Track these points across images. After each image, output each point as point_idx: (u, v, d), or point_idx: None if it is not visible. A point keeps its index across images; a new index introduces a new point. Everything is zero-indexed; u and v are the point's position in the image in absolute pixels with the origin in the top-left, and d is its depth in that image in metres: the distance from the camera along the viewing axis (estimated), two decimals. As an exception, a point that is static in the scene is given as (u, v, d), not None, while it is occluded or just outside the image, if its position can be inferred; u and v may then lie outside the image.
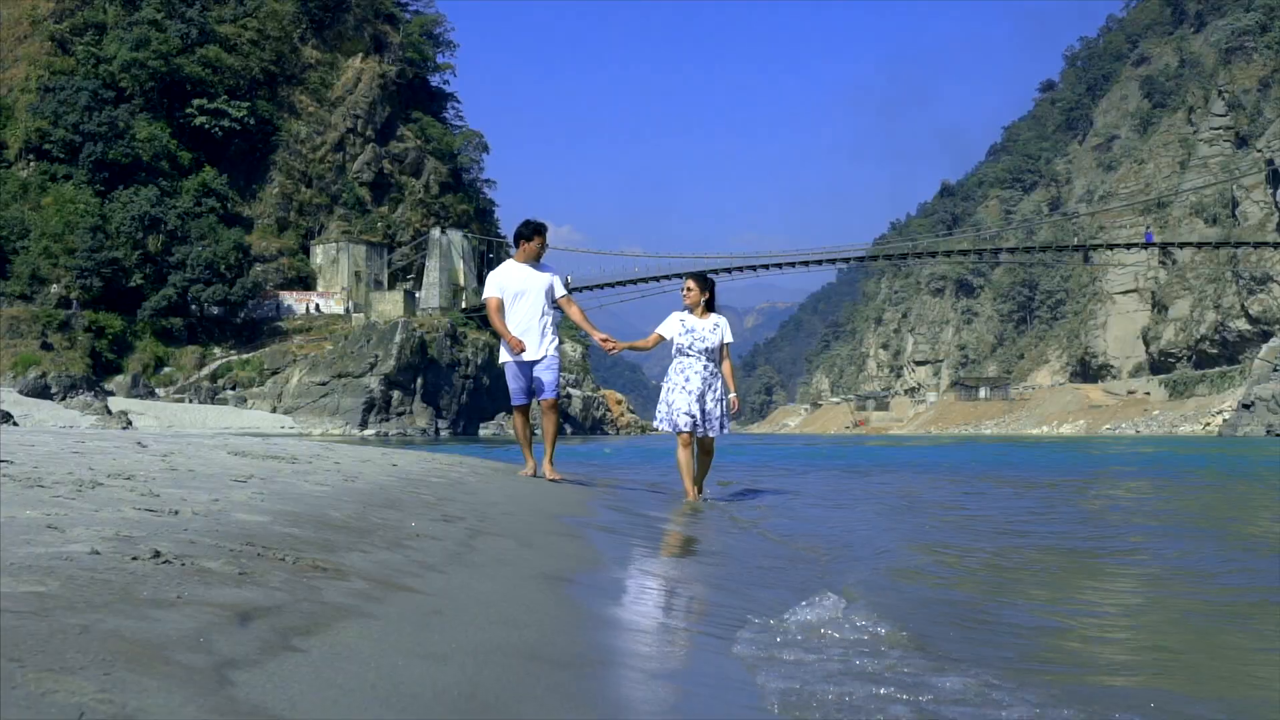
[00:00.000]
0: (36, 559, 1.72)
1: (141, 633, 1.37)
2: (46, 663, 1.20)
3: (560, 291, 7.57)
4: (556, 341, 7.54)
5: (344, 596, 1.91)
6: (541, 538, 3.85)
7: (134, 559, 1.81)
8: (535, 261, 7.52)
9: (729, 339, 7.55)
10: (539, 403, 7.59)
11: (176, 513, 2.52)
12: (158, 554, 1.87)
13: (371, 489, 4.37)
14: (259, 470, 4.34)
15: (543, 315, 7.41)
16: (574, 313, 7.78)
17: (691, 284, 7.56)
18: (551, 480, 7.43)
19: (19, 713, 1.07)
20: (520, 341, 7.31)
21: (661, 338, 7.48)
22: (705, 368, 7.36)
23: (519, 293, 7.39)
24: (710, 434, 7.41)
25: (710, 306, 7.54)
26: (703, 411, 7.32)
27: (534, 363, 7.40)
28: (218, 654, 1.36)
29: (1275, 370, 67.77)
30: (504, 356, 7.50)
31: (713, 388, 7.38)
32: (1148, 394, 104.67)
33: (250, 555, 2.07)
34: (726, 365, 7.54)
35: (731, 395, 7.53)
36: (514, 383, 7.47)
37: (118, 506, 2.51)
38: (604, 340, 7.69)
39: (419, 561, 2.55)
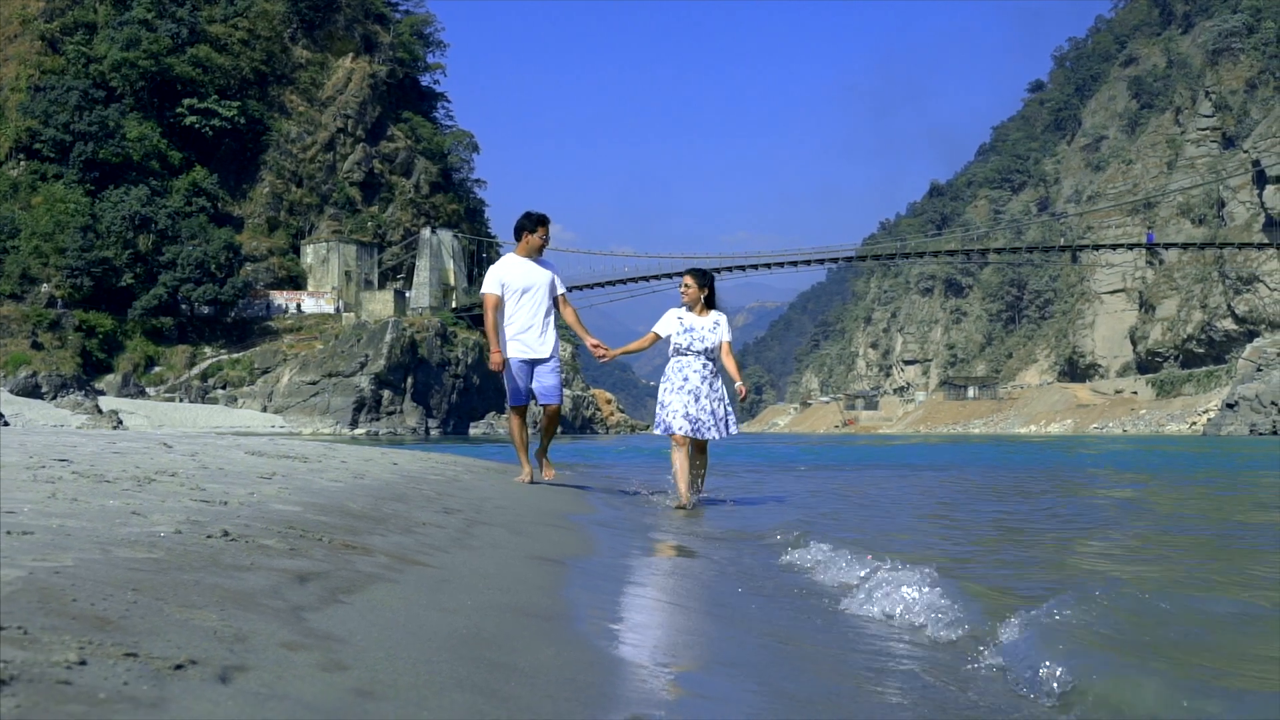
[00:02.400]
0: (138, 536, 2.20)
1: (234, 586, 1.86)
2: (179, 601, 1.67)
3: (560, 289, 7.21)
4: (558, 343, 7.22)
5: (372, 567, 2.40)
6: (530, 527, 4.35)
7: (209, 537, 2.31)
8: (537, 255, 7.14)
9: (729, 337, 7.15)
10: (538, 406, 7.27)
11: (225, 503, 3.02)
12: (226, 533, 2.36)
13: (379, 485, 4.88)
14: (278, 468, 4.84)
15: (546, 314, 7.05)
16: (568, 314, 7.24)
17: (689, 280, 7.14)
18: (548, 479, 7.30)
19: (175, 629, 1.53)
20: (500, 355, 6.98)
21: (658, 336, 7.12)
22: (705, 366, 7.01)
23: (524, 289, 7.01)
24: (707, 436, 7.01)
25: (710, 303, 7.15)
26: (702, 413, 6.96)
27: (536, 362, 7.05)
28: (290, 601, 1.85)
29: (1259, 370, 68.60)
30: (507, 352, 7.04)
31: (713, 387, 7.03)
32: (1135, 393, 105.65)
33: (294, 536, 2.57)
34: (730, 360, 7.16)
35: (739, 384, 7.17)
36: (513, 381, 7.00)
37: (177, 498, 3.01)
38: (595, 346, 7.23)
39: (427, 544, 3.06)
